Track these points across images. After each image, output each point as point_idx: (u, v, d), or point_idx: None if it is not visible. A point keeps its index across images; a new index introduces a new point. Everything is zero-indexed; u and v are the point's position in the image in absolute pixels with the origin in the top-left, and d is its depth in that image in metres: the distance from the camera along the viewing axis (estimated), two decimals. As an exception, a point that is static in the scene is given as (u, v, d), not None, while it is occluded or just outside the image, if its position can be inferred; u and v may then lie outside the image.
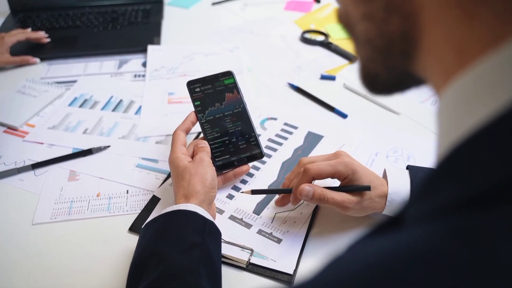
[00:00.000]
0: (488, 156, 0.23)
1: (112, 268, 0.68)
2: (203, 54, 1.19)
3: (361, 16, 0.31)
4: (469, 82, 0.24)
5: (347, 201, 0.66)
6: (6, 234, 0.74)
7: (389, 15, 0.29)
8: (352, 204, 0.66)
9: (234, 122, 0.80)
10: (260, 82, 1.10)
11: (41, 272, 0.68)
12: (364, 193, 0.67)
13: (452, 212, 0.23)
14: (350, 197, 0.67)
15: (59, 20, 1.32)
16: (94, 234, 0.73)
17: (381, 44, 0.31)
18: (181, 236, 0.61)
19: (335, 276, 0.24)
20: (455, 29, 0.25)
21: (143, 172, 0.84)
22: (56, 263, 0.69)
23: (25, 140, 0.93)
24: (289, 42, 1.26)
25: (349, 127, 0.94)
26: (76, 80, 1.11)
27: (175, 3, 1.48)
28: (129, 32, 1.28)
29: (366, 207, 0.68)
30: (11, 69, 1.16)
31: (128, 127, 0.95)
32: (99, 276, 0.67)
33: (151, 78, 1.10)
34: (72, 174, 0.84)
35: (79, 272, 0.68)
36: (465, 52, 0.24)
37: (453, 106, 0.25)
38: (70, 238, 0.73)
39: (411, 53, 0.29)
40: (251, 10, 1.45)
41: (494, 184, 0.22)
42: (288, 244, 0.69)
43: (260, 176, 0.82)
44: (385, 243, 0.24)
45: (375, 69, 0.33)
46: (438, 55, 0.27)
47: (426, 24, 0.27)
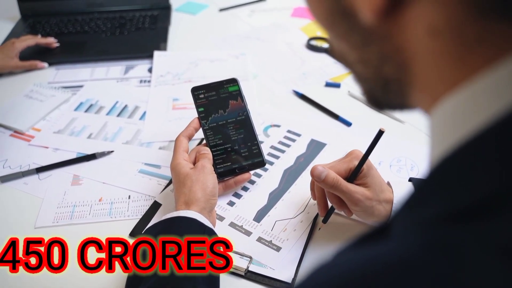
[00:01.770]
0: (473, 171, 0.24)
1: (112, 273, 0.68)
2: (209, 60, 1.20)
3: (356, 60, 0.32)
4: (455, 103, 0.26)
5: (360, 192, 0.65)
6: (9, 237, 0.74)
7: (382, 63, 0.30)
8: (364, 198, 0.65)
9: (237, 130, 0.80)
10: (265, 88, 1.10)
11: (41, 275, 0.68)
12: (374, 192, 0.66)
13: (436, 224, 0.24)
14: (363, 191, 0.66)
15: (68, 26, 1.34)
16: (95, 238, 0.74)
17: (377, 84, 0.32)
18: (180, 242, 0.61)
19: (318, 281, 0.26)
20: (448, 74, 0.26)
21: (146, 177, 0.85)
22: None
23: (30, 144, 0.94)
24: (295, 49, 1.26)
25: (353, 135, 0.93)
26: (83, 85, 1.12)
27: (183, 9, 1.49)
28: (136, 37, 1.29)
29: (375, 210, 0.66)
30: (20, 73, 1.18)
31: (132, 132, 0.96)
32: (99, 281, 0.67)
33: (156, 84, 1.11)
34: (75, 179, 0.85)
35: (79, 277, 0.68)
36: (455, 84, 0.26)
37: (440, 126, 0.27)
38: (71, 242, 0.73)
39: (405, 93, 0.30)
40: (258, 16, 1.45)
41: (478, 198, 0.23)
42: (287, 253, 0.69)
43: (262, 184, 0.82)
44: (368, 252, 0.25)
45: (376, 96, 0.34)
46: (430, 92, 0.28)
47: (418, 72, 0.28)
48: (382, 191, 0.67)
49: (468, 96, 0.25)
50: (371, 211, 0.66)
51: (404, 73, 0.29)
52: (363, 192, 0.66)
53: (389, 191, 0.68)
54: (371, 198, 0.66)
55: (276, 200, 0.78)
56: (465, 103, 0.25)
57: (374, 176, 0.67)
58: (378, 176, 0.68)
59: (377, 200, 0.66)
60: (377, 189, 0.66)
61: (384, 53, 0.29)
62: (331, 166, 0.67)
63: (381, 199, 0.67)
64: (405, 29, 0.27)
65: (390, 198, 0.67)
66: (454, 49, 0.25)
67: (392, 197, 0.67)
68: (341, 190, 0.65)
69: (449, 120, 0.26)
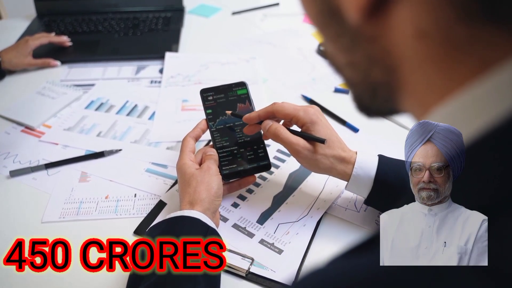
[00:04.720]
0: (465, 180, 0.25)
1: (114, 273, 0.69)
2: (220, 63, 1.21)
3: (346, 63, 0.33)
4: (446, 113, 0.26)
5: (301, 145, 0.70)
6: (16, 230, 0.76)
7: (370, 67, 0.30)
8: (304, 150, 0.69)
9: (243, 133, 0.81)
10: (275, 93, 1.11)
11: (45, 275, 0.69)
12: (318, 146, 0.70)
13: None
14: (304, 143, 0.70)
15: (82, 25, 1.36)
16: (100, 235, 0.74)
17: (366, 89, 0.33)
18: (182, 241, 0.62)
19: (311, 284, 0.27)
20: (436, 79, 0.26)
21: (152, 176, 0.86)
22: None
23: (41, 140, 0.95)
24: (306, 54, 1.26)
25: (359, 141, 0.94)
26: (94, 84, 1.14)
27: (196, 12, 1.50)
28: (148, 38, 1.31)
29: (319, 163, 0.70)
30: (33, 70, 1.20)
31: (141, 132, 0.97)
32: (102, 277, 0.68)
33: (166, 85, 1.12)
34: (83, 176, 0.86)
35: (83, 272, 0.69)
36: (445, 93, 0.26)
37: None
38: (76, 238, 0.74)
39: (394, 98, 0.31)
40: (270, 21, 1.46)
41: None
42: (289, 256, 0.70)
43: (266, 186, 0.82)
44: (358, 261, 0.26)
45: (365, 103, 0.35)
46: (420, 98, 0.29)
47: (406, 76, 0.28)
48: (330, 147, 0.70)
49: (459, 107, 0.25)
50: (315, 164, 0.71)
51: (392, 77, 0.29)
52: (304, 145, 0.70)
53: (343, 150, 0.71)
54: (312, 151, 0.70)
55: (280, 203, 0.79)
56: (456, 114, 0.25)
57: (318, 132, 0.71)
58: (325, 132, 0.71)
59: (322, 154, 0.70)
60: (322, 145, 0.70)
61: (372, 56, 0.30)
62: (282, 102, 0.74)
63: (328, 154, 0.70)
64: (392, 31, 0.27)
65: (340, 156, 0.71)
66: (442, 52, 0.25)
67: (345, 156, 0.71)
68: (282, 140, 0.71)
69: None
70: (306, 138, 0.71)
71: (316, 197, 0.79)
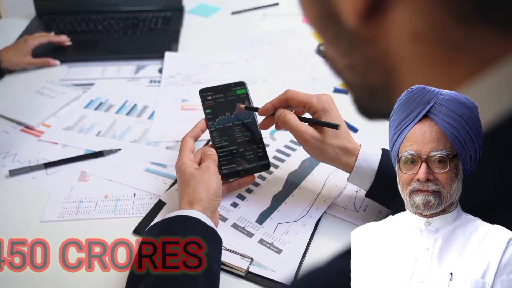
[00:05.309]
0: None
1: (114, 270, 0.69)
2: (219, 63, 1.21)
3: (345, 66, 0.33)
4: None
5: (309, 133, 0.70)
6: (15, 229, 0.76)
7: (369, 69, 0.30)
8: (311, 138, 0.70)
9: (243, 132, 0.81)
10: (274, 93, 1.09)
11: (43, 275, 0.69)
12: (326, 136, 0.70)
13: None
14: (313, 132, 0.70)
15: (81, 24, 1.36)
16: (99, 234, 0.74)
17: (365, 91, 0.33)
18: (182, 241, 0.62)
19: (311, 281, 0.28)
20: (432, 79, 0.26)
21: (151, 176, 0.86)
22: (60, 261, 0.70)
23: (40, 139, 0.95)
24: (306, 54, 1.26)
25: (359, 141, 0.93)
26: (94, 83, 1.14)
27: (196, 12, 1.50)
28: (148, 38, 1.31)
29: (325, 152, 0.70)
30: (33, 70, 1.20)
31: (140, 131, 0.97)
32: (102, 276, 0.68)
33: (166, 84, 1.12)
34: (82, 175, 0.86)
35: (82, 272, 0.69)
36: None
37: None
38: (76, 237, 0.74)
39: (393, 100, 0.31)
40: (270, 21, 1.46)
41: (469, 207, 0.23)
42: (288, 255, 0.70)
43: (266, 186, 0.82)
44: None
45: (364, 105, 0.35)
46: None
47: (404, 77, 0.28)
48: (337, 137, 0.70)
49: None
50: (321, 153, 0.71)
51: (390, 79, 0.29)
52: (312, 132, 0.70)
53: (349, 142, 0.72)
54: (320, 140, 0.70)
55: (280, 203, 0.79)
56: None
57: (329, 120, 0.71)
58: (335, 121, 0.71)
59: (329, 144, 0.70)
60: (329, 134, 0.70)
61: (369, 58, 0.30)
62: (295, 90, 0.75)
63: (335, 145, 0.70)
64: (388, 33, 0.27)
65: (345, 147, 0.71)
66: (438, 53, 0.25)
67: (351, 148, 0.71)
68: (290, 127, 0.71)
69: None
70: (319, 124, 0.71)
71: (315, 197, 0.79)
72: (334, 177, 0.83)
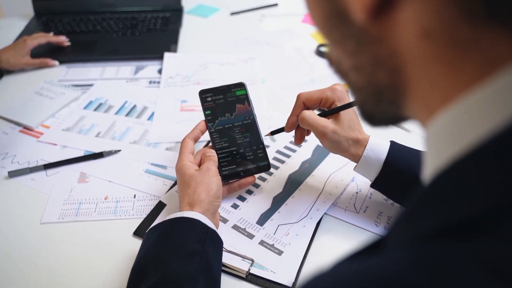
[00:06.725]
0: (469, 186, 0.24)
1: (115, 271, 0.69)
2: (218, 64, 1.20)
3: (351, 67, 0.33)
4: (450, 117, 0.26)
5: (328, 126, 0.70)
6: (15, 231, 0.75)
7: (376, 69, 0.30)
8: (329, 131, 0.70)
9: (243, 133, 0.81)
10: (273, 93, 1.11)
11: (45, 270, 0.69)
12: (341, 128, 0.71)
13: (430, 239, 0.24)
14: (330, 124, 0.71)
15: (80, 25, 1.35)
16: (99, 236, 0.74)
17: (371, 93, 0.32)
18: (182, 243, 0.62)
19: None
20: (441, 81, 0.26)
21: (151, 177, 0.86)
22: (60, 262, 0.70)
23: (39, 140, 0.95)
24: (305, 55, 1.27)
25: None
26: (93, 84, 1.13)
27: (194, 12, 1.50)
28: (147, 38, 1.31)
29: (340, 144, 0.71)
30: (31, 70, 1.19)
31: (140, 132, 0.97)
32: (102, 278, 0.68)
33: (165, 85, 1.12)
34: (82, 176, 0.86)
35: (82, 273, 0.69)
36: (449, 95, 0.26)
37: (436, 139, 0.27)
38: (76, 239, 0.74)
39: (399, 102, 0.30)
40: (269, 21, 1.46)
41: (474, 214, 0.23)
42: (289, 257, 0.70)
43: (266, 187, 0.82)
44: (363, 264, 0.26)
45: (370, 110, 0.35)
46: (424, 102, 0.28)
47: (411, 77, 0.28)
48: (351, 128, 0.71)
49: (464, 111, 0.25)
50: (337, 146, 0.71)
51: (397, 79, 0.29)
52: (330, 125, 0.70)
53: (360, 133, 0.72)
54: (337, 132, 0.70)
55: (280, 204, 0.79)
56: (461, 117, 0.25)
57: (346, 112, 0.72)
58: (349, 111, 0.72)
59: (344, 136, 0.71)
60: (346, 125, 0.71)
61: (377, 58, 0.29)
62: (307, 91, 0.75)
63: (348, 136, 0.71)
64: (397, 32, 0.27)
65: (357, 138, 0.71)
66: (446, 52, 0.25)
67: (360, 138, 0.72)
68: (308, 123, 0.72)
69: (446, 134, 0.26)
70: (336, 111, 0.72)
71: (315, 198, 0.79)
72: (334, 178, 0.83)
